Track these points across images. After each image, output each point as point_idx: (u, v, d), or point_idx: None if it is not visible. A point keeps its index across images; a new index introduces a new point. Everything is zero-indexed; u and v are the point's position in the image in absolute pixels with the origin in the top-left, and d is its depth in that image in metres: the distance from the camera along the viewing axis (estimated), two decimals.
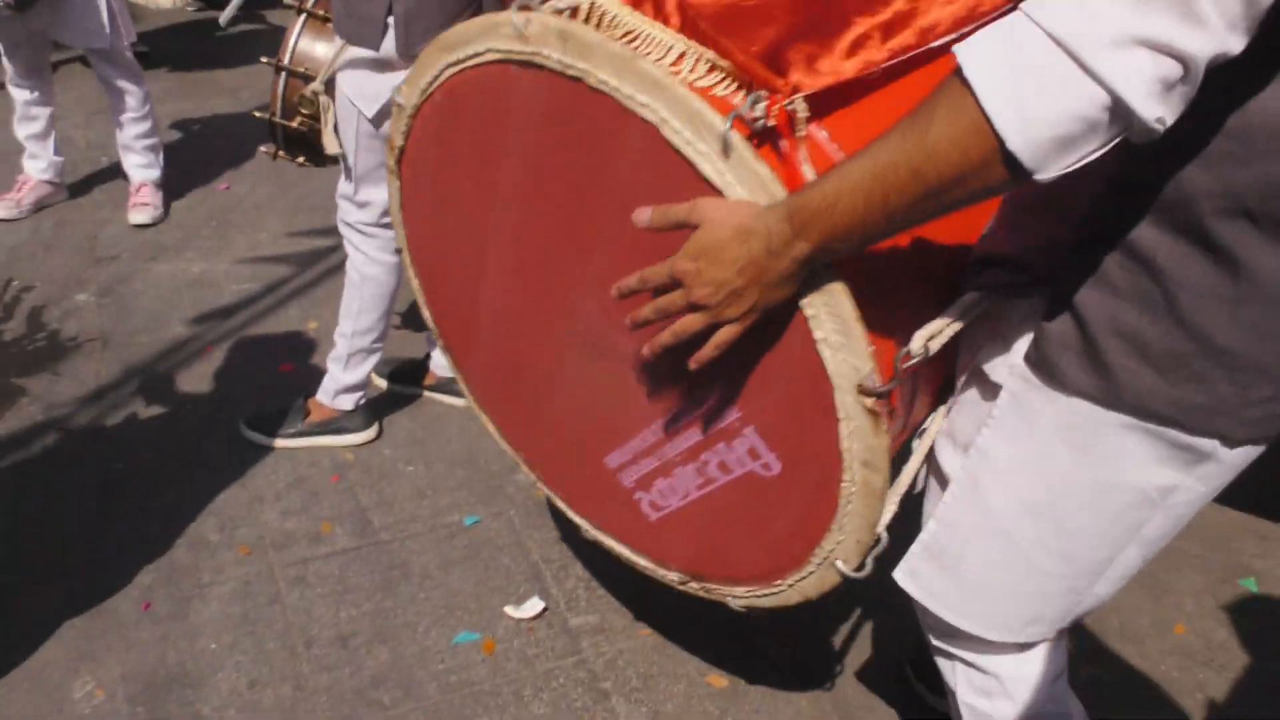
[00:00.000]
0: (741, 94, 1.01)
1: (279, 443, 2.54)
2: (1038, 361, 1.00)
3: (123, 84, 3.46)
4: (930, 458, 1.22)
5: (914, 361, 1.01)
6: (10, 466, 2.43)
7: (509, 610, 2.10)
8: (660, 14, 1.03)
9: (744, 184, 0.97)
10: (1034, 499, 1.05)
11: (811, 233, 0.91)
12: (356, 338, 2.50)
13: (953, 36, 1.01)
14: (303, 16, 2.52)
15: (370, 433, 2.59)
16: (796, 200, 0.92)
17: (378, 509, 2.38)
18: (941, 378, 1.24)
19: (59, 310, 3.06)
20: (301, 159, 2.62)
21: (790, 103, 0.97)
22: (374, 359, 2.54)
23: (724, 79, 1.01)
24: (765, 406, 1.15)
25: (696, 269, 0.96)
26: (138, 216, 3.54)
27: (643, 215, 1.02)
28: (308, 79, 2.40)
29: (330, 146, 2.49)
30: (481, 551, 2.26)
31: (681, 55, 1.01)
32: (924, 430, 1.22)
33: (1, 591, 2.07)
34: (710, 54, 1.00)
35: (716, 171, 0.99)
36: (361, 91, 2.20)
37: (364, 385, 2.56)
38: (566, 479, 1.59)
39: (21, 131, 3.56)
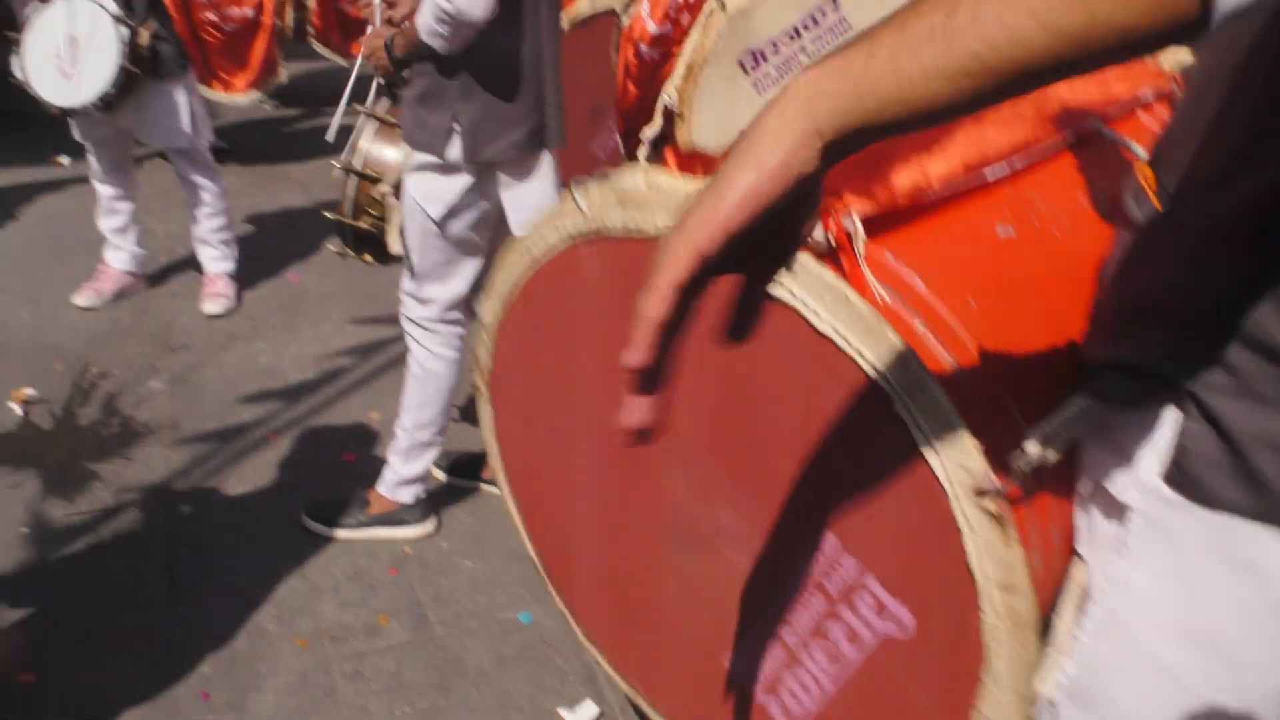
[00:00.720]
0: None
1: (339, 533, 2.58)
2: (1180, 481, 0.89)
3: (200, 181, 3.63)
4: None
5: (1030, 467, 0.93)
6: (81, 550, 2.50)
7: (563, 713, 2.09)
8: (710, 171, 1.08)
9: (813, 293, 0.97)
10: (1191, 627, 0.92)
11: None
12: (417, 431, 2.55)
13: (1005, 171, 1.03)
14: (373, 122, 2.64)
15: (428, 526, 2.62)
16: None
17: (434, 603, 2.39)
18: (1062, 497, 1.16)
19: (133, 397, 3.16)
20: (368, 257, 2.72)
21: (846, 218, 1.00)
22: (434, 452, 2.58)
23: None
24: (879, 545, 1.04)
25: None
26: (211, 306, 3.67)
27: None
28: (375, 181, 2.51)
29: (395, 246, 2.59)
30: (537, 650, 2.26)
31: None
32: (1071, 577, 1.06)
33: (67, 672, 2.11)
34: None
35: (782, 287, 1.00)
36: (427, 193, 2.29)
37: (424, 478, 2.59)
38: (692, 706, 1.42)
39: (105, 225, 3.73)
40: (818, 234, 0.99)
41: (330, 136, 2.92)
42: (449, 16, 2.02)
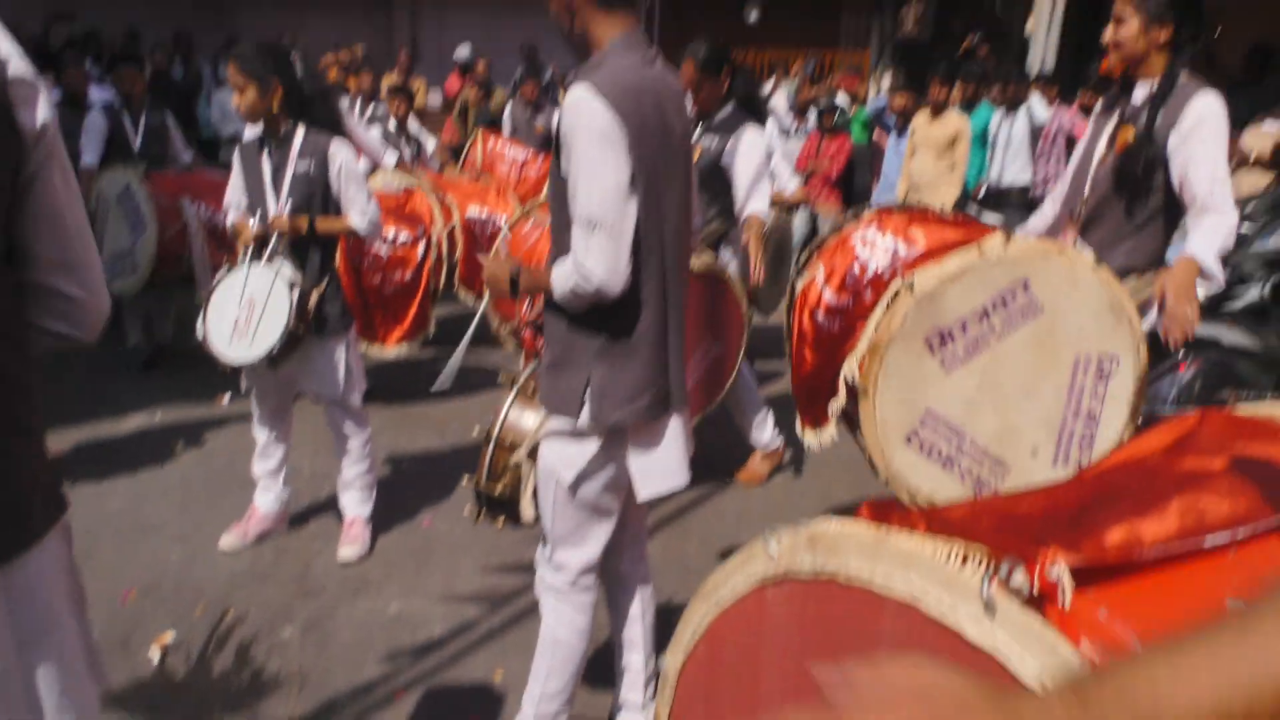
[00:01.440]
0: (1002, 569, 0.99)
1: None
2: None
3: (350, 430, 3.80)
4: None
5: None
6: None
7: None
8: (904, 524, 1.06)
9: (1018, 639, 0.91)
10: None
11: None
12: (544, 701, 2.48)
13: (1226, 538, 0.97)
14: (515, 389, 2.74)
15: None
16: (1103, 683, 0.70)
17: None
18: None
19: (266, 645, 3.19)
20: (501, 521, 2.76)
21: (1053, 567, 0.94)
22: None
23: (980, 562, 1.00)
24: None
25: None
26: (346, 552, 3.76)
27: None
28: (513, 448, 2.57)
29: (527, 514, 2.62)
30: None
31: (934, 550, 1.02)
32: None
33: None
34: (961, 542, 1.00)
35: (984, 633, 0.93)
36: (560, 458, 2.33)
37: None
38: None
39: (258, 467, 3.91)
40: (1018, 579, 0.94)
41: (436, 388, 3.04)
42: (588, 293, 2.12)
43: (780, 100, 10.00)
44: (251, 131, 4.85)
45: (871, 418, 2.74)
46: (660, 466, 2.36)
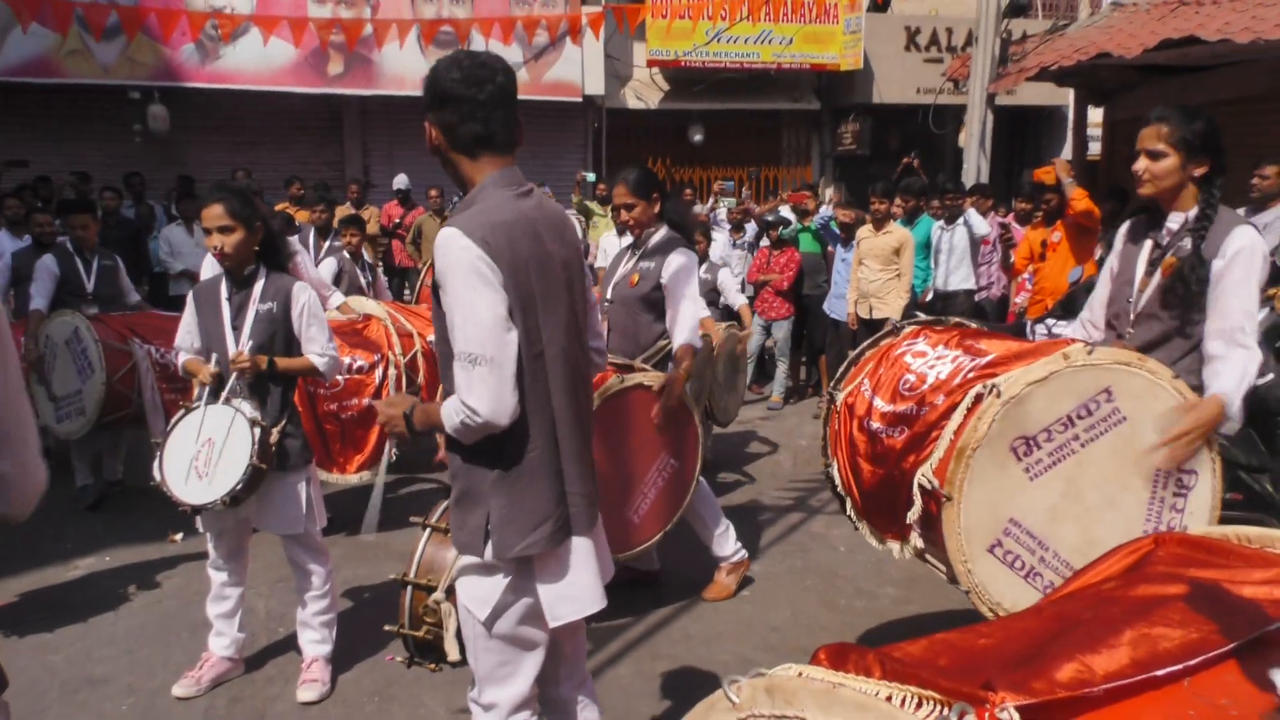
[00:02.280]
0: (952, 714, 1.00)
1: None
2: None
3: (310, 566, 3.71)
4: None
5: None
6: None
7: None
8: (860, 669, 1.07)
9: None
10: None
11: None
12: None
13: (1177, 668, 0.99)
14: (428, 531, 2.71)
15: None
16: None
17: None
18: None
19: None
20: (433, 665, 2.70)
21: (1003, 711, 0.95)
22: None
23: (933, 707, 1.01)
24: None
25: None
26: (306, 694, 3.62)
27: None
28: (430, 589, 2.53)
29: (453, 653, 2.56)
30: None
31: (889, 696, 1.02)
32: None
33: None
34: (914, 689, 1.01)
35: None
36: (473, 595, 2.30)
37: None
38: None
39: (212, 610, 3.79)
40: None
41: (369, 529, 2.95)
42: (476, 426, 2.14)
43: (722, 215, 10.32)
44: (208, 272, 4.90)
45: (955, 526, 2.68)
46: (571, 591, 2.32)
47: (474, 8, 12.57)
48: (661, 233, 4.34)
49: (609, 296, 4.41)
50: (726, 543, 4.57)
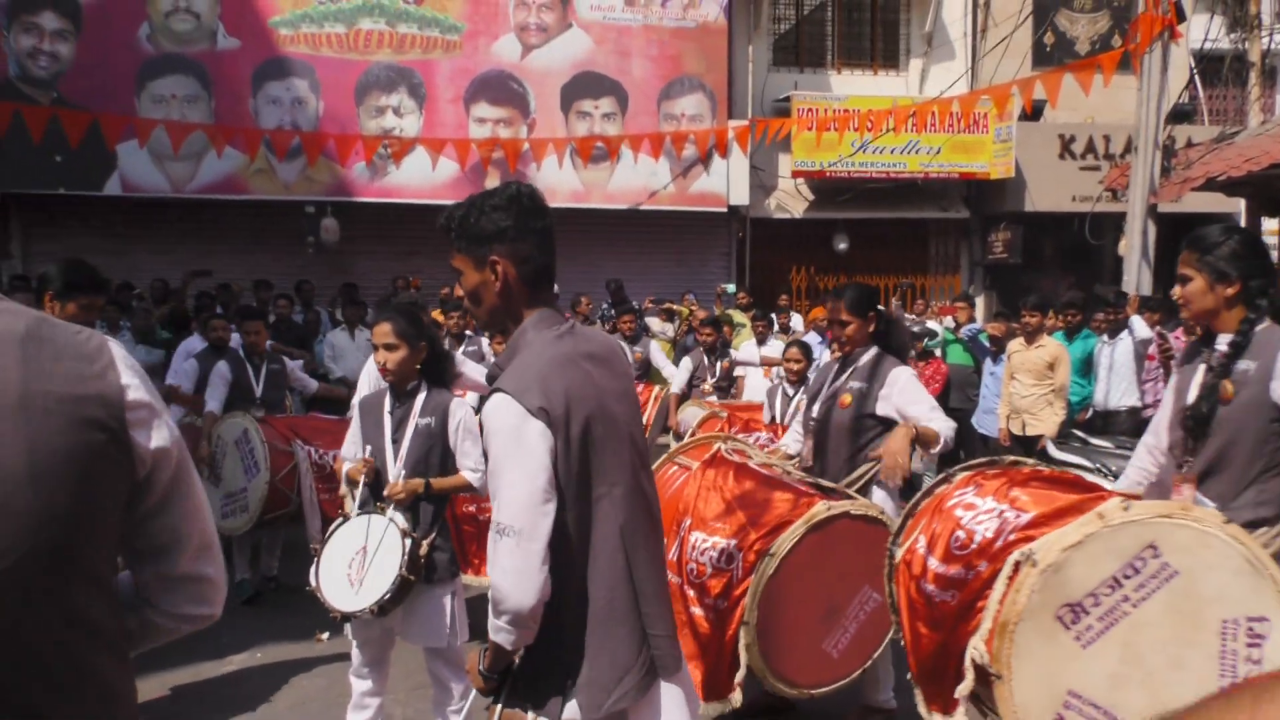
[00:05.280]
0: None
1: None
2: None
3: (449, 678, 3.71)
4: None
5: None
6: None
7: None
8: None
9: None
10: None
11: None
12: None
13: None
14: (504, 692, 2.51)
15: None
16: None
17: None
18: None
19: None
20: None
21: None
22: None
23: None
24: None
25: None
26: None
27: None
28: None
29: None
30: None
31: None
32: None
33: None
34: None
35: None
36: None
37: None
38: None
39: (352, 718, 3.83)
40: None
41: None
42: (500, 607, 2.04)
43: None
44: (364, 376, 5.13)
45: (1009, 704, 2.55)
46: None
47: (625, 125, 13.05)
48: (871, 353, 4.23)
49: (815, 415, 4.29)
50: (885, 689, 4.28)
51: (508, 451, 2.05)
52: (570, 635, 2.12)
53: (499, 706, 2.22)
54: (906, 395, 4.02)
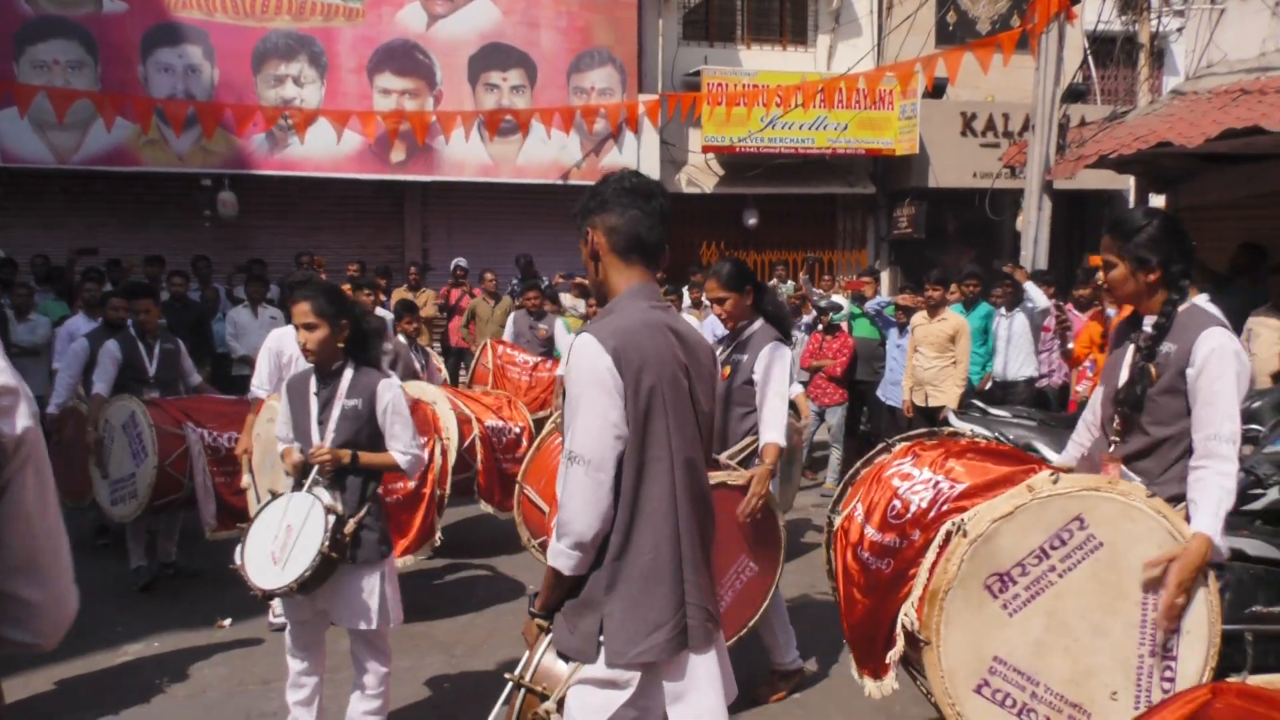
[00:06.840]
0: None
1: None
2: None
3: (370, 664, 3.63)
4: None
5: None
6: None
7: None
8: None
9: None
10: None
11: None
12: None
13: None
14: (548, 636, 2.54)
15: None
16: None
17: None
18: None
19: None
20: None
21: None
22: None
23: None
24: None
25: None
26: None
27: None
28: (544, 697, 2.40)
29: None
30: None
31: None
32: None
33: None
34: None
35: None
36: (586, 706, 2.23)
37: None
38: None
39: (290, 697, 3.72)
40: None
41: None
42: (564, 531, 2.18)
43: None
44: (264, 354, 4.98)
45: (937, 669, 2.64)
46: (694, 713, 2.28)
47: (534, 98, 12.88)
48: (756, 325, 4.30)
49: None
50: (788, 650, 4.39)
51: (585, 385, 2.19)
52: (610, 581, 2.22)
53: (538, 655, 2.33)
54: (772, 371, 4.15)
